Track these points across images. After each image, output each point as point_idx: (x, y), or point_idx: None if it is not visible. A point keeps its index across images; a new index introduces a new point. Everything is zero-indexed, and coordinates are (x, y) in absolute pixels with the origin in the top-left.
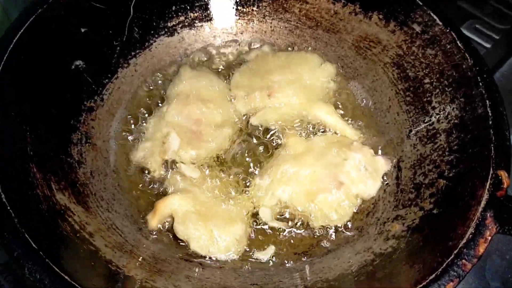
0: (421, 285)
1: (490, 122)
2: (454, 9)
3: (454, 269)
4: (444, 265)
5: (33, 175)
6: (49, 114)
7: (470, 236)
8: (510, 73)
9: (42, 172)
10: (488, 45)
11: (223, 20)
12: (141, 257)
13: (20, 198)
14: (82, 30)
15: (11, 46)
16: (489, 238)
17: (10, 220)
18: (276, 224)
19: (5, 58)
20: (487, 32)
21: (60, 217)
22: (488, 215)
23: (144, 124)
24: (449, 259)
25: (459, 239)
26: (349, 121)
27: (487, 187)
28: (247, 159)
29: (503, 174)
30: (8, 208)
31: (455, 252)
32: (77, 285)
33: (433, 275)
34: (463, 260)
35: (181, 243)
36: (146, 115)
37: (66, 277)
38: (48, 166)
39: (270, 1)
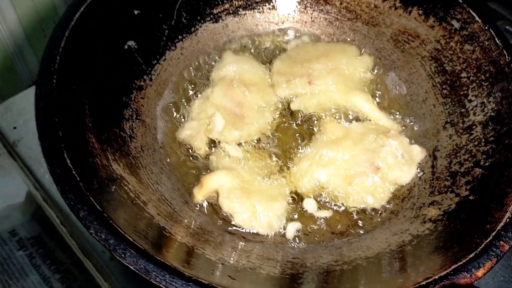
0: (460, 263)
1: None
2: (485, 9)
3: (492, 249)
4: (483, 245)
5: (92, 145)
6: (105, 89)
7: (508, 220)
8: None
9: (100, 142)
10: None
11: (265, 9)
12: (190, 227)
13: (82, 165)
14: (135, 12)
15: (71, 25)
16: None
17: (76, 184)
18: (320, 214)
19: (65, 36)
20: None
21: (117, 185)
22: None
23: (189, 105)
24: (488, 240)
25: (496, 222)
26: (386, 111)
27: None
28: (287, 141)
29: None
30: (73, 172)
31: (493, 234)
32: (139, 245)
33: (473, 254)
34: (501, 242)
35: (224, 217)
36: (191, 96)
37: (129, 238)
38: (105, 138)
39: None
